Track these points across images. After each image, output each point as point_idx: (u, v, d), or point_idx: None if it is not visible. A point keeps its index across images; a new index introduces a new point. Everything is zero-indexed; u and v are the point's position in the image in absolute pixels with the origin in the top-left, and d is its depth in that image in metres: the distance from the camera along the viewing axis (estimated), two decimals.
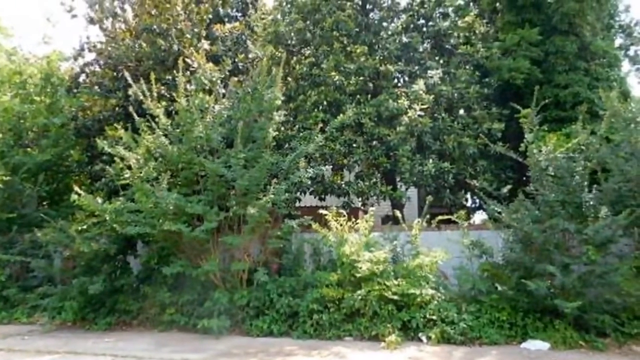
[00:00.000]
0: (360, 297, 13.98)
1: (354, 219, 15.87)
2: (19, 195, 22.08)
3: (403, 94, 20.81)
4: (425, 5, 23.28)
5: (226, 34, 23.30)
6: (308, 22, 22.54)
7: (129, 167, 15.84)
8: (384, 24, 23.30)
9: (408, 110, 19.66)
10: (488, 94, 21.85)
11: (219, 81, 18.23)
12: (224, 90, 18.53)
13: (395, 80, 22.89)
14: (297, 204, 19.71)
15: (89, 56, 24.18)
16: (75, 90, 24.25)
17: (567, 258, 13.03)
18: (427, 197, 16.82)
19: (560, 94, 21.46)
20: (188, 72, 18.04)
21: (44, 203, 24.26)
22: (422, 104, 19.68)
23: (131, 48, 21.55)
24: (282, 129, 19.43)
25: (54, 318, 17.38)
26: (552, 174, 14.21)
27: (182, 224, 14.84)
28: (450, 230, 16.37)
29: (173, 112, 17.12)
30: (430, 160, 19.54)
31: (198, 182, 16.34)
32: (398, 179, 20.95)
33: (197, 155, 15.84)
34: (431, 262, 14.62)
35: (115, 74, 22.43)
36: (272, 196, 15.13)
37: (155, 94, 16.83)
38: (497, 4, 25.45)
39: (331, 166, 20.73)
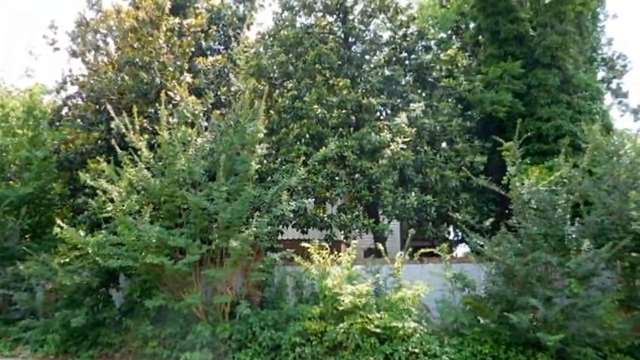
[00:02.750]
0: (342, 330, 13.91)
1: (336, 252, 15.83)
2: (1, 228, 21.95)
3: (385, 127, 20.88)
4: (408, 39, 23.44)
5: (209, 67, 23.37)
6: (290, 55, 22.65)
7: (112, 200, 15.82)
8: (367, 57, 23.42)
9: (390, 143, 19.72)
10: (470, 127, 21.96)
11: (201, 114, 18.27)
12: (206, 123, 18.57)
13: (378, 113, 22.97)
14: (279, 237, 19.63)
15: (72, 89, 24.24)
16: (57, 123, 24.26)
17: (549, 291, 13.03)
18: (410, 230, 16.83)
19: (542, 127, 21.60)
20: (170, 105, 18.06)
21: (27, 236, 24.15)
22: (404, 137, 19.76)
23: (113, 81, 21.54)
24: (265, 162, 19.41)
25: (36, 351, 17.31)
26: (535, 207, 14.26)
27: (164, 257, 14.79)
28: (433, 263, 16.33)
29: (155, 145, 17.14)
30: (413, 193, 19.57)
31: (180, 215, 16.32)
32: (380, 212, 20.96)
33: (179, 188, 15.83)
34: (413, 295, 14.60)
35: (97, 107, 22.42)
36: (254, 229, 15.12)
37: (137, 127, 16.84)
38: (480, 37, 25.67)
39: (314, 199, 20.74)
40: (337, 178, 20.10)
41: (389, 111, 23.06)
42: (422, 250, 15.84)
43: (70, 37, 23.18)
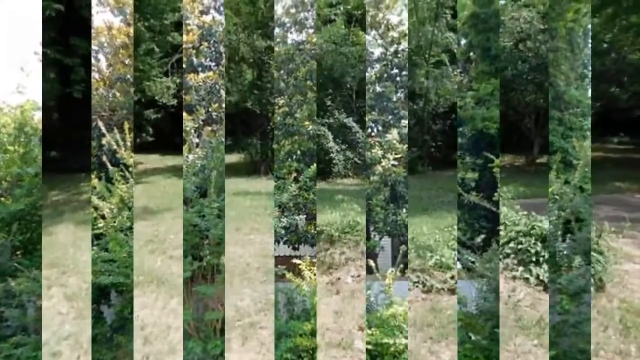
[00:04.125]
0: None
1: None
2: None
3: (377, 143, 20.87)
4: (399, 55, 23.44)
5: (200, 83, 23.36)
6: (282, 72, 22.64)
7: (103, 217, 15.77)
8: None
9: (382, 160, 19.70)
10: (462, 143, 21.95)
11: (192, 130, 18.26)
12: (197, 140, 18.55)
13: (369, 130, 22.98)
14: None
15: None
16: None
17: None
18: (401, 246, 16.81)
19: None
20: None
21: (18, 253, 24.04)
22: (395, 154, 19.75)
23: (105, 97, 21.53)
24: None
25: None
26: None
27: None
28: None
29: None
30: (404, 210, 19.55)
31: None
32: (372, 229, 20.94)
33: None
34: (405, 311, 14.57)
35: None
36: None
37: (129, 144, 16.82)
38: (471, 54, 25.70)
39: (305, 215, 20.72)
40: None
41: (380, 127, 23.08)
42: None
43: None
